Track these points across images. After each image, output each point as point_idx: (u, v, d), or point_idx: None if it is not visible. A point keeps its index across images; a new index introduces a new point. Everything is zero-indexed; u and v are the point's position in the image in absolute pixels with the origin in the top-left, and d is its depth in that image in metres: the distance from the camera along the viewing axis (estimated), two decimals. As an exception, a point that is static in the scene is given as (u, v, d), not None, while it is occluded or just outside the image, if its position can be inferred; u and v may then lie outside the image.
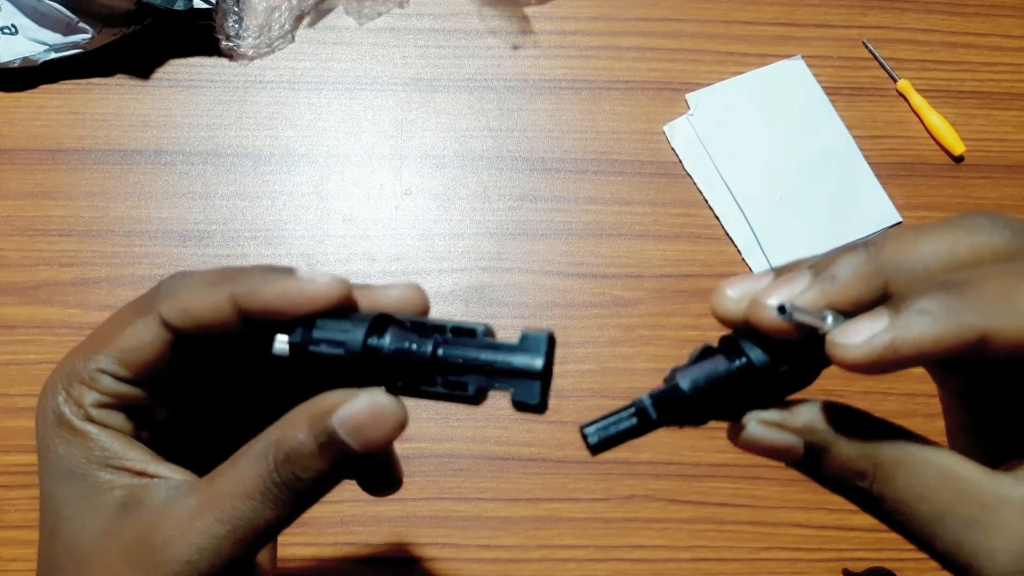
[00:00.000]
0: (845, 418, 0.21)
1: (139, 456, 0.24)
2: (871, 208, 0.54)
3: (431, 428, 0.48)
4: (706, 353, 0.23)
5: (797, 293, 0.21)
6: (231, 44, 0.55)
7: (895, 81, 0.57)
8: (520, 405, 0.22)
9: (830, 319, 0.20)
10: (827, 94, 0.57)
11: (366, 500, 0.46)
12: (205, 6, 0.53)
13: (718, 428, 0.52)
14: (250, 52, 0.55)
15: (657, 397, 0.22)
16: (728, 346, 0.22)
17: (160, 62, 0.55)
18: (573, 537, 0.46)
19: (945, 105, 0.57)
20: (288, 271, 0.23)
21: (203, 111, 0.55)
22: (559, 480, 0.47)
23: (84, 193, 0.52)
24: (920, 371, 0.27)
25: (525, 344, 0.22)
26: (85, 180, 0.53)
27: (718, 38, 0.58)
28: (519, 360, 0.22)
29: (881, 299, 0.20)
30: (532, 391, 0.22)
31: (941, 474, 0.20)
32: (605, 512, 0.47)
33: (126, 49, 0.54)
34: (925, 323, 0.19)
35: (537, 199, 0.54)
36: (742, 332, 0.22)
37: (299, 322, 0.23)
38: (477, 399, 0.23)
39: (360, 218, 0.53)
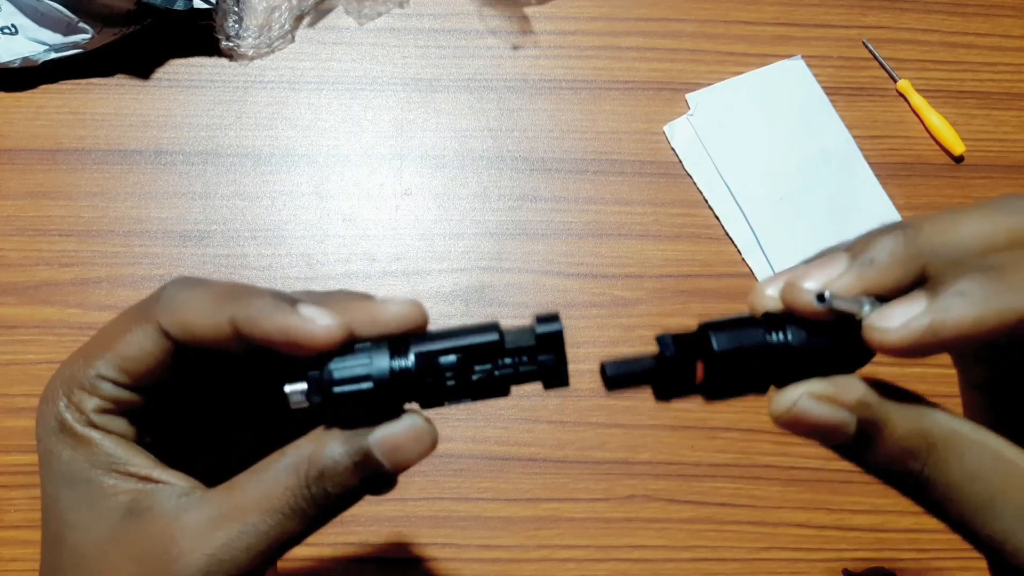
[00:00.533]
0: (896, 395, 0.21)
1: (143, 461, 0.24)
2: (871, 208, 0.54)
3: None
4: (744, 322, 0.22)
5: (835, 277, 0.21)
6: (231, 44, 0.55)
7: (895, 81, 0.57)
8: (550, 386, 0.23)
9: (867, 306, 0.20)
10: (827, 94, 0.57)
11: (366, 500, 0.46)
12: (205, 6, 0.53)
13: (719, 428, 0.52)
14: (250, 52, 0.55)
15: (680, 337, 0.22)
16: (770, 321, 0.21)
17: (160, 62, 0.55)
18: (573, 537, 0.46)
19: (945, 105, 0.57)
20: (292, 304, 0.22)
21: (203, 111, 0.55)
22: (559, 480, 0.47)
23: (84, 193, 0.52)
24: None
25: (543, 341, 0.23)
26: (85, 180, 0.53)
27: (718, 38, 0.58)
28: (543, 357, 0.23)
29: (919, 282, 0.20)
30: (559, 374, 0.23)
31: (994, 456, 0.20)
32: (605, 512, 0.47)
33: (126, 49, 0.54)
34: (965, 305, 0.19)
35: (537, 199, 0.54)
36: (783, 316, 0.21)
37: (307, 364, 0.22)
38: (506, 392, 0.23)
39: (360, 218, 0.53)
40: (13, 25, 0.52)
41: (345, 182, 0.54)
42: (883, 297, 0.20)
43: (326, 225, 0.53)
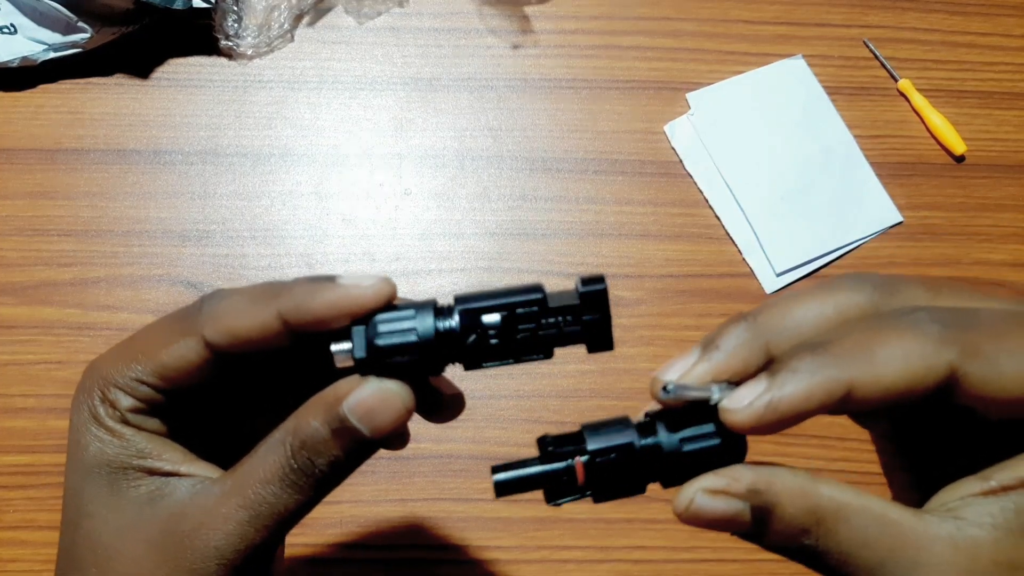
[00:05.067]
0: (783, 475, 0.22)
1: (173, 455, 0.26)
2: (872, 208, 0.54)
3: (431, 429, 0.48)
4: (619, 423, 0.23)
5: (688, 367, 0.22)
6: (230, 43, 0.55)
7: (896, 81, 0.57)
8: (594, 348, 0.23)
9: (715, 390, 0.21)
10: (828, 93, 0.56)
11: (366, 500, 0.46)
12: (204, 5, 0.53)
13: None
14: (249, 51, 0.55)
15: (559, 438, 0.23)
16: (642, 426, 0.23)
17: (159, 61, 0.55)
18: (573, 538, 0.46)
19: (946, 105, 0.57)
20: (330, 280, 0.24)
21: (202, 111, 0.54)
22: (559, 481, 0.47)
23: (83, 193, 0.52)
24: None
25: (584, 297, 0.23)
26: (84, 180, 0.52)
27: (719, 37, 0.58)
28: (587, 317, 0.23)
29: (767, 365, 0.22)
30: (604, 336, 0.23)
31: (877, 521, 0.21)
32: (605, 513, 0.47)
33: (125, 48, 0.54)
34: (796, 381, 0.20)
35: (537, 199, 0.54)
36: (669, 413, 0.23)
37: (347, 327, 0.23)
38: (550, 354, 0.23)
39: (360, 218, 0.53)
40: (12, 24, 0.51)
41: (344, 182, 0.54)
42: (737, 382, 0.22)
43: (325, 225, 0.52)
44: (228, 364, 0.25)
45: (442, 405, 0.29)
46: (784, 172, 0.55)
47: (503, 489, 0.23)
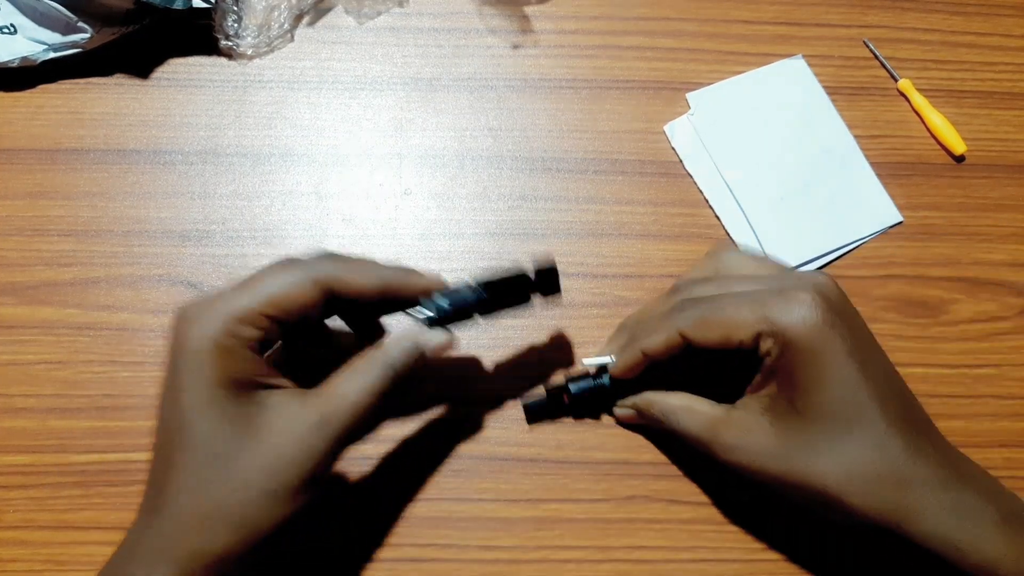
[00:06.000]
0: (650, 395, 0.45)
1: (275, 378, 0.36)
2: (872, 208, 0.54)
3: (432, 429, 0.48)
4: (587, 376, 0.47)
5: (601, 351, 0.50)
6: (230, 43, 0.55)
7: (896, 80, 0.57)
8: (546, 294, 0.43)
9: (610, 360, 0.46)
10: (828, 93, 0.56)
11: (366, 500, 0.46)
12: (204, 5, 0.53)
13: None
14: (249, 51, 0.55)
15: (554, 388, 0.48)
16: (592, 376, 0.47)
17: (159, 61, 0.55)
18: (573, 538, 0.46)
19: (946, 105, 0.57)
20: (415, 272, 0.40)
21: (202, 111, 0.54)
22: (559, 481, 0.47)
23: (83, 193, 0.52)
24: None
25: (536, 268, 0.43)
26: (84, 180, 0.52)
27: (719, 37, 0.58)
28: (537, 277, 0.43)
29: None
30: (554, 284, 0.43)
31: (702, 411, 0.42)
32: (605, 513, 0.47)
33: (125, 48, 0.54)
34: (626, 355, 0.44)
35: (537, 199, 0.54)
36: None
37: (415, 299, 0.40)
38: (527, 301, 0.43)
39: (359, 218, 0.53)
40: (12, 25, 0.51)
41: (344, 182, 0.54)
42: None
43: (325, 225, 0.52)
44: (329, 309, 0.37)
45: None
46: (784, 172, 0.55)
47: (533, 415, 0.48)
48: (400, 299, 0.39)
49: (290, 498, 0.33)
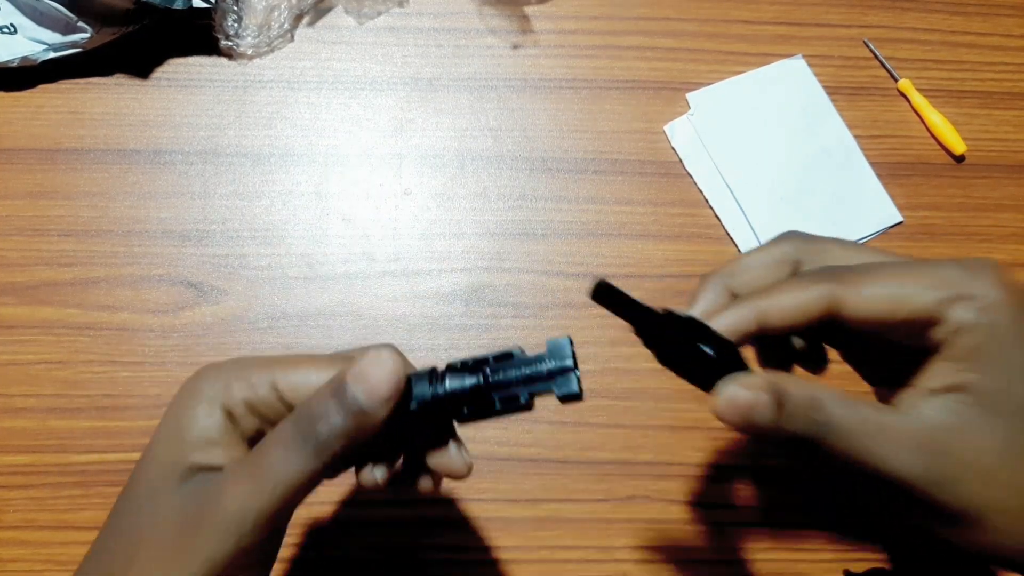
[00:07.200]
0: (783, 376, 0.28)
1: (239, 449, 0.29)
2: (872, 208, 0.54)
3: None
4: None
5: (697, 308, 0.33)
6: (230, 43, 0.55)
7: (896, 80, 0.57)
8: (565, 398, 0.27)
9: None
10: (828, 93, 0.56)
11: (366, 502, 0.46)
12: (204, 5, 0.53)
13: (720, 429, 0.52)
14: (249, 51, 0.55)
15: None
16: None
17: (159, 61, 0.55)
18: (573, 538, 0.46)
19: (946, 105, 0.57)
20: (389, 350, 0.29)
21: (202, 111, 0.54)
22: (559, 481, 0.47)
23: (83, 193, 0.52)
24: None
25: (552, 351, 0.28)
26: (84, 180, 0.52)
27: (719, 37, 0.58)
28: (554, 364, 0.27)
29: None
30: (571, 384, 0.27)
31: (855, 406, 0.28)
32: (605, 513, 0.47)
33: (125, 48, 0.54)
34: (731, 316, 0.30)
35: (537, 199, 0.54)
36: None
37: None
38: (530, 406, 0.28)
39: (360, 218, 0.53)
40: (12, 24, 0.51)
41: (344, 182, 0.54)
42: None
43: (325, 225, 0.52)
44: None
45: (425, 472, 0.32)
46: (784, 172, 0.55)
47: (599, 294, 0.31)
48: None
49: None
